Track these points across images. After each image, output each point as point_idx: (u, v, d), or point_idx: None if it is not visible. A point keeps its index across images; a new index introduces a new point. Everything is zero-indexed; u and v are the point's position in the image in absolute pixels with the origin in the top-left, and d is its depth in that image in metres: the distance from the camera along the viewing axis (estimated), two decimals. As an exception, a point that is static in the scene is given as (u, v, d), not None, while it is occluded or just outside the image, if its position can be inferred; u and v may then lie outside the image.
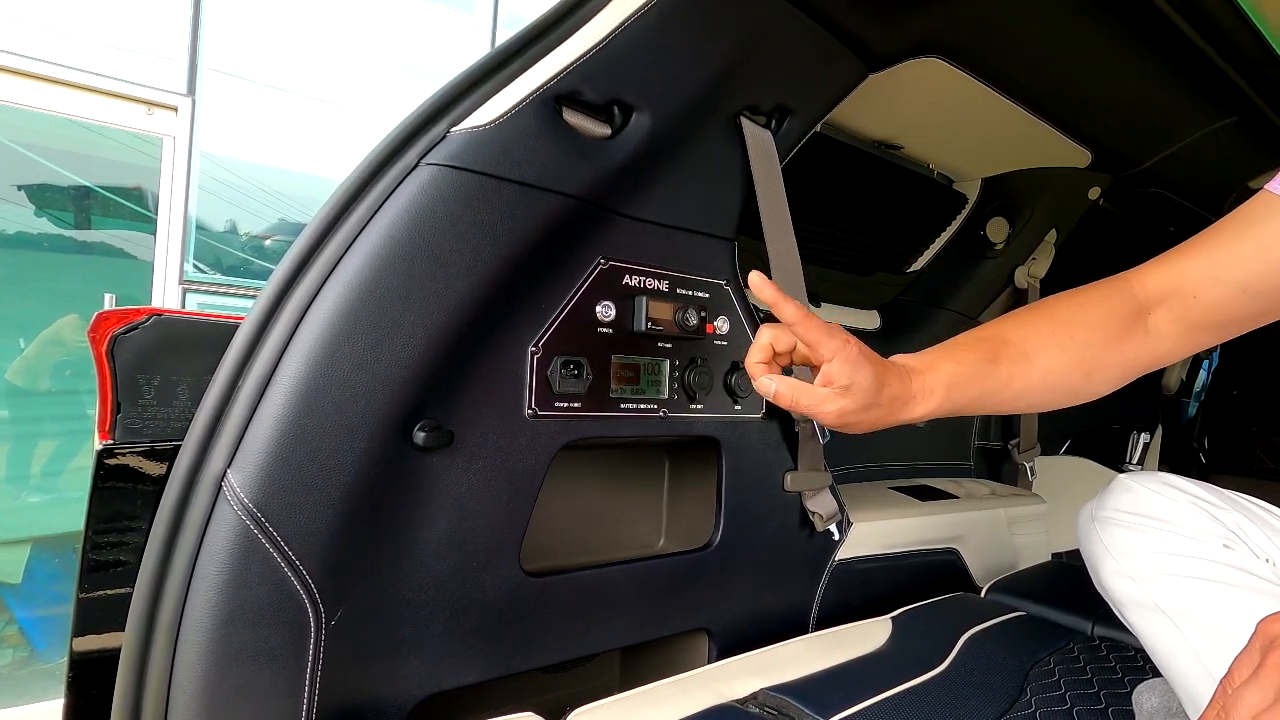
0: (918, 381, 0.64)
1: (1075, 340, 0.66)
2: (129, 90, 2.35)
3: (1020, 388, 0.67)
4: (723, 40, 0.77)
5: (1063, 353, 0.66)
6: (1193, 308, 0.64)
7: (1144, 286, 0.67)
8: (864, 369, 0.60)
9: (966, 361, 0.65)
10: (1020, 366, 0.66)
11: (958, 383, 0.64)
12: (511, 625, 0.73)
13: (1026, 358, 0.66)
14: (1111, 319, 0.66)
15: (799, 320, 0.60)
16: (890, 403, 0.62)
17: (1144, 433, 2.25)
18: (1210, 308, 0.64)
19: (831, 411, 0.61)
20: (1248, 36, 0.99)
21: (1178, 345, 0.67)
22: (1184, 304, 0.65)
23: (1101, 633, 0.98)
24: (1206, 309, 0.64)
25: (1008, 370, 0.66)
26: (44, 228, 2.39)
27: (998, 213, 1.46)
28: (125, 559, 0.58)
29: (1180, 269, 0.65)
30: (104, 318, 0.56)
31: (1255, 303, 0.62)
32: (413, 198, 0.62)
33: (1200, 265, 0.64)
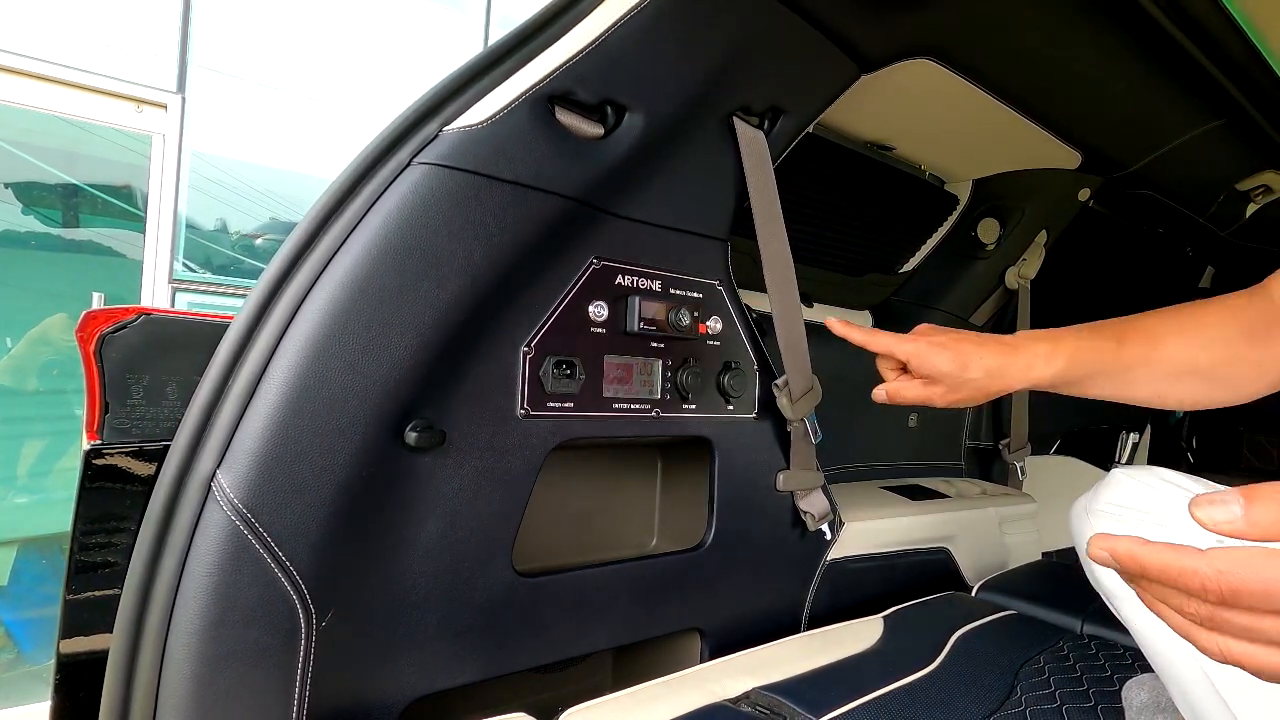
0: (1033, 349, 0.68)
1: (1205, 333, 0.66)
2: (118, 87, 2.33)
3: (1149, 373, 0.67)
4: (715, 41, 0.77)
5: (1192, 345, 0.66)
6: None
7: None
8: (939, 358, 0.68)
9: (1093, 338, 0.68)
10: (1147, 350, 0.67)
11: (1080, 356, 0.67)
12: (503, 626, 0.73)
13: (1155, 343, 0.67)
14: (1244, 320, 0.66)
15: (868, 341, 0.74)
16: (986, 374, 0.68)
17: (1133, 432, 2.27)
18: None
19: (930, 394, 0.71)
20: (1236, 41, 0.99)
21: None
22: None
23: (1091, 631, 0.99)
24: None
25: (1133, 352, 0.67)
26: (31, 226, 2.37)
27: (989, 214, 1.47)
28: (113, 560, 0.57)
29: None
30: (92, 317, 0.56)
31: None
32: (405, 197, 0.62)
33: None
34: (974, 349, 0.68)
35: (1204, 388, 0.68)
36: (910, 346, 0.70)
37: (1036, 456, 1.79)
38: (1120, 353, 0.67)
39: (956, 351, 0.68)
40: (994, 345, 0.69)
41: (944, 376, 0.69)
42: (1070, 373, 0.68)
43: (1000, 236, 1.47)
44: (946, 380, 0.69)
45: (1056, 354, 0.68)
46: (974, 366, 0.68)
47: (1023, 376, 0.69)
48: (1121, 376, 0.68)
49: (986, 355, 0.68)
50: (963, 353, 0.68)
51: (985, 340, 0.69)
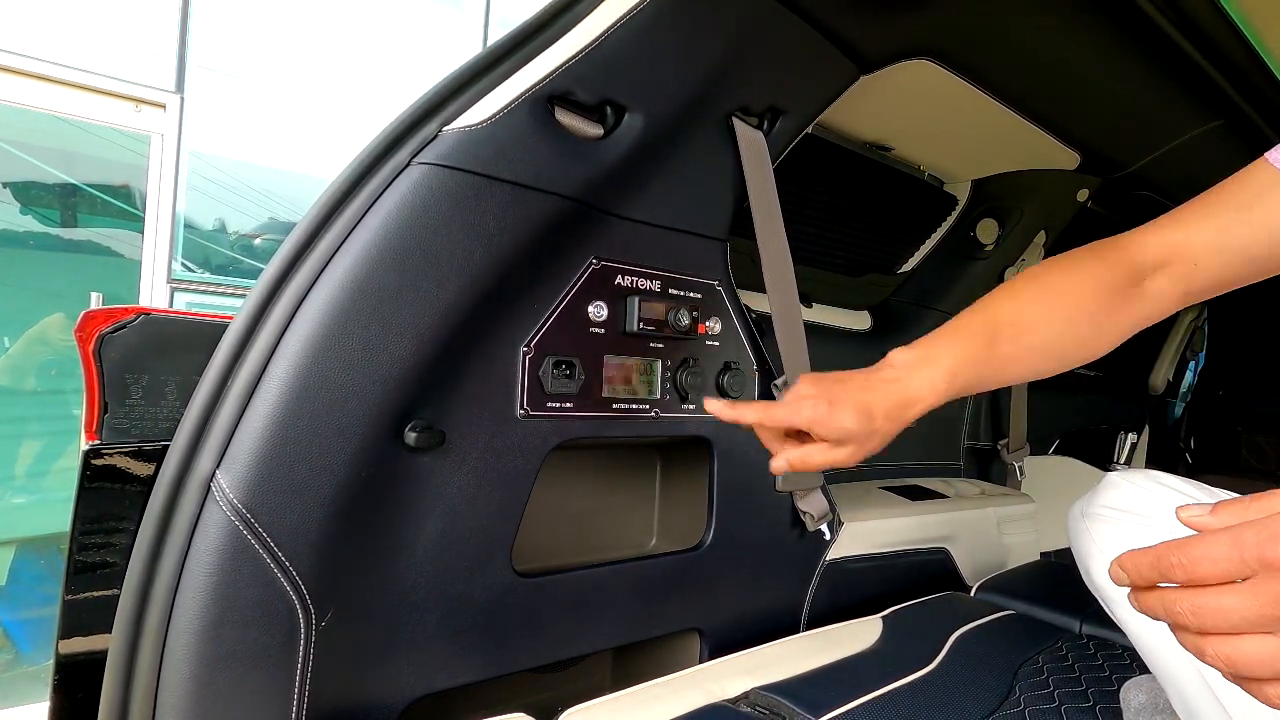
0: (917, 378, 0.66)
1: (1070, 312, 0.67)
2: (116, 87, 2.32)
3: (1022, 364, 0.69)
4: (714, 41, 0.77)
5: (1058, 325, 0.68)
6: (1193, 274, 0.65)
7: (1143, 251, 0.67)
8: (842, 417, 0.63)
9: (965, 350, 0.67)
10: (1018, 344, 0.68)
11: (957, 371, 0.66)
12: (503, 626, 0.73)
13: (1023, 334, 0.68)
14: (1106, 286, 0.67)
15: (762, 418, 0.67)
16: (887, 417, 0.65)
17: (1131, 433, 2.27)
18: (1211, 273, 0.64)
19: (841, 456, 0.66)
20: (1234, 41, 1.00)
21: (1171, 306, 0.68)
22: (1185, 270, 0.65)
23: (1089, 631, 0.99)
24: (1208, 275, 0.65)
25: (1006, 350, 0.68)
26: (30, 225, 2.37)
27: (988, 214, 1.47)
28: (112, 560, 0.57)
29: (1184, 236, 0.65)
30: (91, 317, 0.55)
31: (1253, 268, 0.63)
32: (404, 197, 0.62)
33: (1205, 233, 0.64)
34: (869, 397, 0.65)
35: (1068, 362, 0.70)
36: (809, 414, 0.64)
37: (1035, 457, 1.79)
38: (992, 354, 0.67)
39: (857, 405, 0.64)
40: (881, 386, 0.65)
41: (852, 435, 0.64)
42: (954, 388, 0.67)
43: (999, 237, 1.47)
44: (855, 438, 0.64)
45: (936, 380, 0.66)
46: (876, 416, 0.64)
47: (913, 411, 0.67)
48: (998, 375, 0.69)
49: (879, 399, 0.65)
50: (863, 404, 0.64)
51: (873, 383, 0.66)
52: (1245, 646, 0.33)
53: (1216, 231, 0.63)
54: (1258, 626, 0.32)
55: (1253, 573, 0.33)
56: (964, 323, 0.69)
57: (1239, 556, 0.33)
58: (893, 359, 0.68)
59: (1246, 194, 0.62)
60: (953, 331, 0.69)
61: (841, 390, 0.65)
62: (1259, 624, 0.32)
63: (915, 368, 0.66)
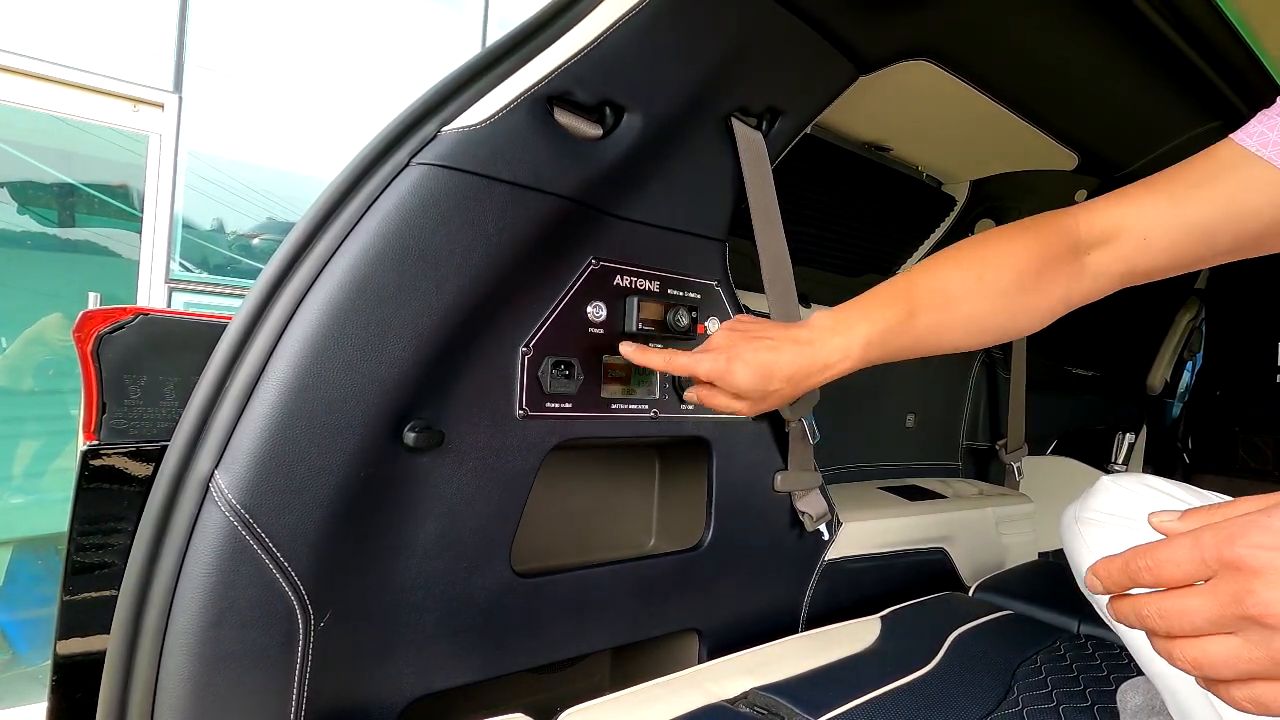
0: (827, 345, 0.67)
1: (1000, 285, 0.65)
2: (114, 87, 2.32)
3: (943, 336, 0.68)
4: (713, 42, 0.77)
5: (986, 299, 0.66)
6: (1141, 249, 0.63)
7: (1089, 224, 0.65)
8: (738, 373, 0.66)
9: (884, 319, 0.67)
10: (940, 315, 0.67)
11: (874, 340, 0.67)
12: (502, 626, 0.73)
13: (947, 305, 0.66)
14: (1041, 260, 0.65)
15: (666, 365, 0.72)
16: (788, 380, 0.67)
17: (1129, 433, 2.28)
18: (1160, 250, 0.62)
19: (739, 406, 0.70)
20: (1231, 43, 1.00)
21: (1111, 284, 0.66)
22: (1132, 245, 0.63)
23: (1087, 631, 0.99)
24: (1157, 251, 0.62)
25: (927, 321, 0.67)
26: (27, 225, 2.36)
27: (986, 214, 1.47)
28: (110, 561, 0.57)
29: (1135, 210, 0.63)
30: (89, 316, 0.55)
31: (1209, 246, 0.60)
32: (403, 197, 0.62)
33: (1158, 208, 0.61)
34: (772, 357, 0.67)
35: (995, 336, 0.69)
36: (709, 366, 0.68)
37: (1033, 457, 1.79)
38: (913, 324, 0.67)
39: (756, 366, 0.66)
40: (790, 348, 0.67)
41: (748, 391, 0.67)
42: (868, 357, 0.67)
43: (997, 237, 1.47)
44: (751, 395, 0.68)
45: (851, 347, 0.67)
46: (776, 378, 0.67)
47: (821, 376, 0.68)
48: (917, 346, 0.68)
49: (784, 362, 0.67)
50: (763, 365, 0.66)
51: (779, 343, 0.67)
52: (1209, 648, 0.33)
53: (1170, 206, 0.61)
54: (1219, 626, 0.33)
55: (1213, 573, 0.33)
56: (888, 290, 0.69)
57: (1199, 557, 0.33)
58: (813, 321, 0.69)
59: (1206, 170, 0.60)
60: (874, 299, 0.69)
61: (747, 347, 0.67)
62: (1220, 623, 0.33)
63: (832, 332, 0.67)
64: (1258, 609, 0.31)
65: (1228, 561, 0.33)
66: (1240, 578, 0.32)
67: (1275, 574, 0.31)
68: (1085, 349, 2.07)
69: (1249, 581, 0.32)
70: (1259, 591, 0.31)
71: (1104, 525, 0.68)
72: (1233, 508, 0.36)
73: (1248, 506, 0.35)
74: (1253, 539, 0.32)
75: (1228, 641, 0.33)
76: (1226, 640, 0.33)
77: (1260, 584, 0.32)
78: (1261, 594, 0.31)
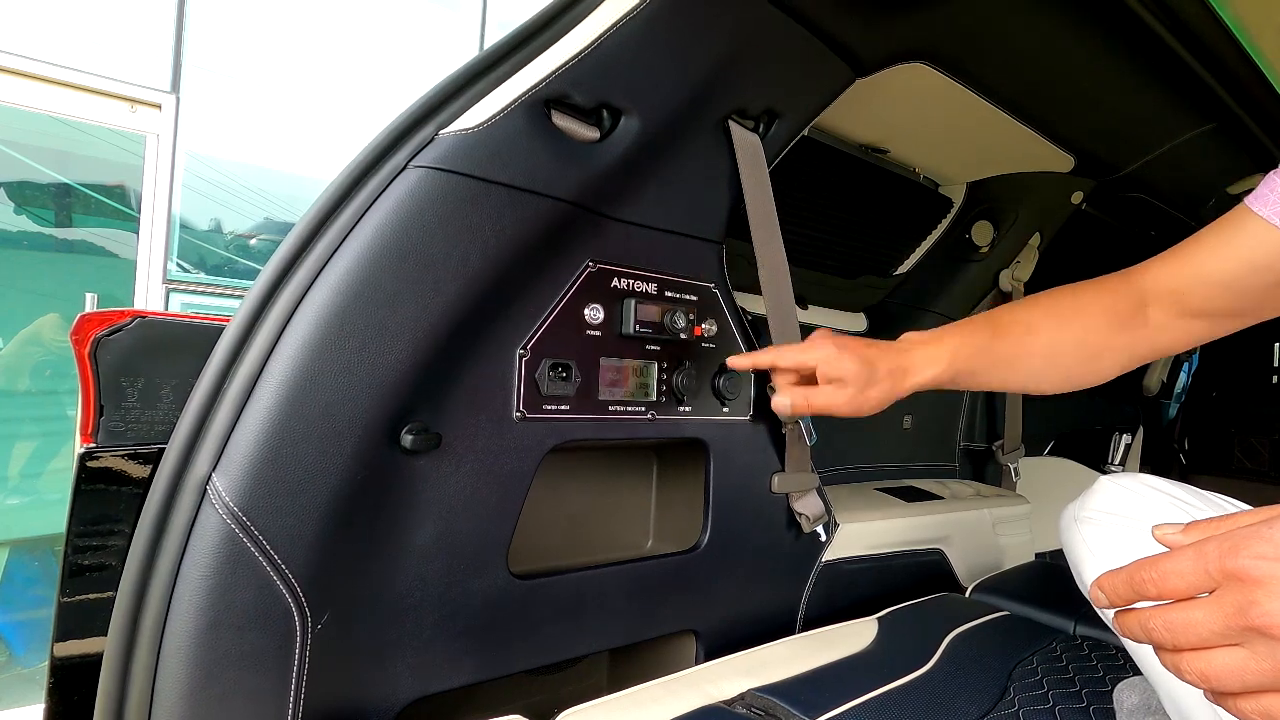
0: (921, 352, 0.75)
1: (1078, 322, 0.73)
2: (112, 87, 2.32)
3: (1022, 364, 0.75)
4: (711, 45, 0.77)
5: (1066, 331, 0.73)
6: (1184, 302, 0.71)
7: (1142, 281, 0.73)
8: (846, 360, 0.72)
9: (972, 335, 0.75)
10: (1023, 342, 0.74)
11: (962, 353, 0.74)
12: (499, 628, 0.73)
13: (1030, 333, 0.74)
14: (1113, 308, 0.73)
15: (777, 359, 0.79)
16: (890, 375, 0.73)
17: (1125, 434, 2.28)
18: (1199, 302, 0.70)
19: (841, 401, 0.74)
20: (1227, 45, 1.00)
21: (1176, 336, 0.73)
22: (1176, 299, 0.71)
23: (1083, 632, 0.99)
24: (1196, 304, 0.71)
25: (1011, 345, 0.74)
26: (24, 225, 2.36)
27: (982, 216, 1.47)
28: (108, 563, 0.57)
29: (1175, 268, 0.71)
30: (86, 319, 0.55)
31: (1238, 300, 0.68)
32: (401, 200, 0.62)
33: (1190, 266, 0.70)
34: (876, 353, 0.73)
35: (1074, 374, 0.75)
36: (819, 354, 0.73)
37: (1030, 458, 1.80)
38: (994, 346, 0.74)
39: (862, 355, 0.72)
40: (891, 349, 0.74)
41: (853, 378, 0.72)
42: (955, 369, 0.74)
43: (994, 239, 1.47)
44: (855, 383, 0.72)
45: (940, 355, 0.74)
46: (879, 368, 0.72)
47: (915, 379, 0.74)
48: (999, 368, 0.75)
49: (887, 358, 0.73)
50: (867, 356, 0.73)
51: (881, 345, 0.74)
52: (1215, 660, 0.33)
53: (1198, 265, 0.69)
54: (1225, 638, 0.33)
55: (1217, 584, 0.34)
56: (972, 319, 0.77)
57: (1203, 569, 0.34)
58: (906, 336, 0.78)
59: (1224, 233, 0.68)
60: (962, 324, 0.77)
61: (851, 341, 0.75)
62: (1226, 635, 0.33)
63: (923, 344, 0.76)
64: (1262, 620, 0.31)
65: (1231, 573, 0.33)
66: (1244, 589, 0.32)
67: (1277, 584, 0.32)
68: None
69: (1253, 592, 0.32)
70: (1263, 602, 0.32)
71: (1103, 524, 0.69)
72: (1235, 519, 0.36)
73: (1250, 518, 0.35)
74: (1256, 550, 0.32)
75: (1234, 653, 0.33)
76: (1232, 652, 0.33)
77: (1264, 594, 0.32)
78: (1265, 604, 0.31)
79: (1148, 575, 0.36)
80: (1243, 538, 0.33)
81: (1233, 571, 0.33)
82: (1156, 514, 0.66)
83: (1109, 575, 0.38)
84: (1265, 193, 0.65)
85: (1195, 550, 0.34)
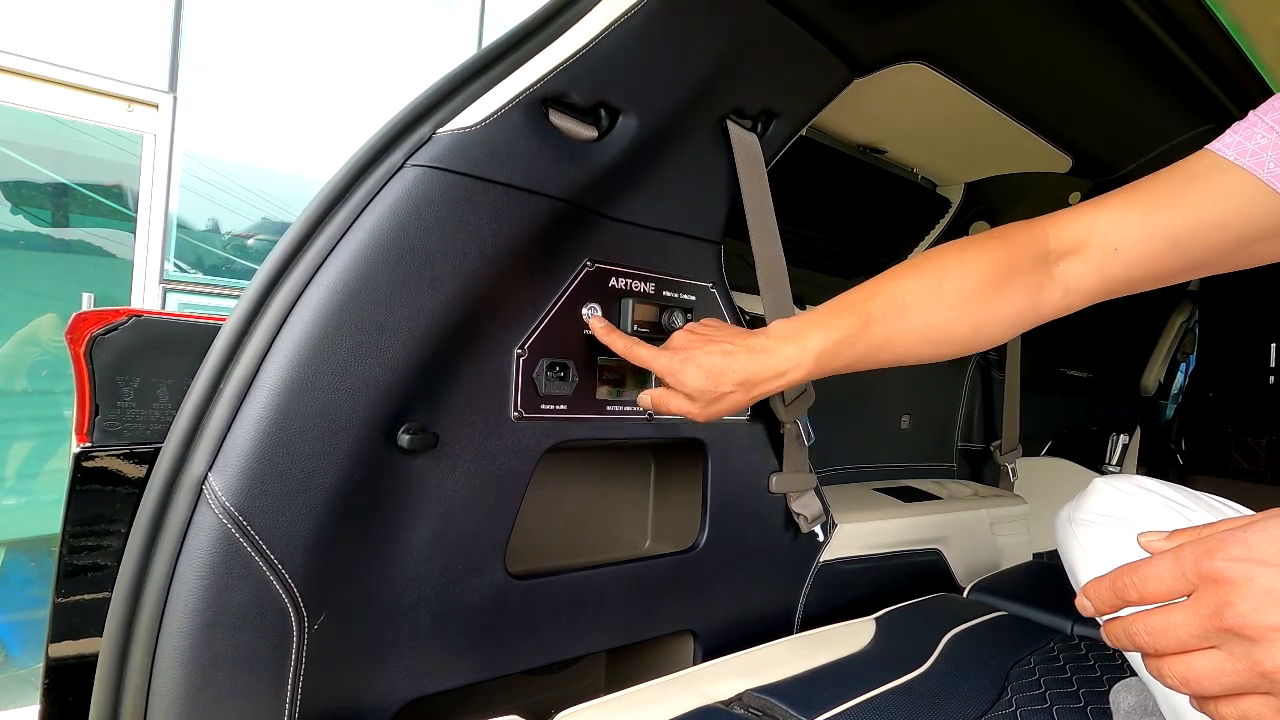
0: (780, 353, 0.67)
1: (960, 294, 0.64)
2: (109, 86, 2.31)
3: (900, 347, 0.67)
4: (708, 44, 0.77)
5: (944, 308, 0.65)
6: (1113, 259, 0.61)
7: (1059, 233, 0.64)
8: (689, 372, 0.67)
9: (839, 329, 0.67)
10: (897, 325, 0.66)
11: (827, 350, 0.66)
12: (497, 628, 0.73)
13: (904, 314, 0.66)
14: (1004, 269, 0.64)
15: (625, 353, 0.74)
16: (740, 385, 0.67)
17: (1123, 434, 2.29)
18: (1134, 261, 0.60)
19: (692, 409, 0.70)
20: (1223, 46, 1.01)
21: (1081, 299, 0.64)
22: (1103, 255, 0.61)
23: (1081, 632, 0.99)
24: (1129, 262, 0.60)
25: (883, 331, 0.66)
26: (20, 225, 2.35)
27: (980, 217, 1.48)
28: (103, 563, 0.57)
29: (1106, 220, 0.61)
30: (82, 319, 0.55)
31: (1179, 258, 0.59)
32: (398, 199, 0.62)
33: (1129, 217, 0.60)
34: (724, 361, 0.67)
35: (957, 347, 0.68)
36: (664, 364, 0.69)
37: (1027, 458, 1.80)
38: (866, 334, 0.66)
39: (707, 369, 0.67)
40: (743, 354, 0.67)
41: (698, 393, 0.68)
42: (820, 365, 0.67)
43: (992, 239, 1.47)
44: (700, 397, 0.68)
45: (802, 356, 0.67)
46: (725, 380, 0.67)
47: (774, 383, 0.68)
48: (871, 356, 0.68)
49: (736, 366, 0.67)
50: (713, 369, 0.67)
51: (735, 349, 0.68)
52: (1194, 664, 0.34)
53: (1142, 215, 0.59)
54: (1203, 640, 0.34)
55: (1194, 587, 0.34)
56: (846, 300, 0.69)
57: (1180, 572, 0.34)
58: (771, 329, 0.70)
59: (1178, 179, 0.59)
60: (831, 308, 0.69)
61: (701, 350, 0.68)
62: (1204, 637, 0.33)
63: (786, 341, 0.68)
64: (1235, 620, 0.32)
65: (1206, 574, 0.34)
66: (1219, 590, 0.33)
67: (1250, 585, 0.32)
68: (1079, 350, 2.08)
69: (1227, 593, 0.33)
70: (1237, 603, 0.32)
71: (1098, 526, 0.69)
72: (1216, 526, 0.37)
73: (1231, 525, 0.36)
74: (1230, 552, 0.33)
75: (1211, 656, 0.33)
76: (1210, 655, 0.33)
77: (1236, 595, 0.32)
78: (1238, 605, 0.32)
79: (1129, 580, 0.36)
80: (1218, 541, 0.34)
81: (1208, 573, 0.33)
82: (1151, 516, 0.66)
83: (1093, 583, 0.38)
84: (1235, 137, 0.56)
85: (1173, 555, 0.35)
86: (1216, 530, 0.36)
